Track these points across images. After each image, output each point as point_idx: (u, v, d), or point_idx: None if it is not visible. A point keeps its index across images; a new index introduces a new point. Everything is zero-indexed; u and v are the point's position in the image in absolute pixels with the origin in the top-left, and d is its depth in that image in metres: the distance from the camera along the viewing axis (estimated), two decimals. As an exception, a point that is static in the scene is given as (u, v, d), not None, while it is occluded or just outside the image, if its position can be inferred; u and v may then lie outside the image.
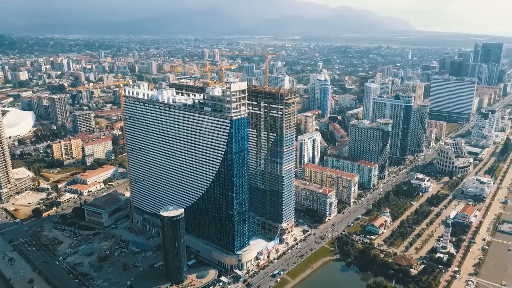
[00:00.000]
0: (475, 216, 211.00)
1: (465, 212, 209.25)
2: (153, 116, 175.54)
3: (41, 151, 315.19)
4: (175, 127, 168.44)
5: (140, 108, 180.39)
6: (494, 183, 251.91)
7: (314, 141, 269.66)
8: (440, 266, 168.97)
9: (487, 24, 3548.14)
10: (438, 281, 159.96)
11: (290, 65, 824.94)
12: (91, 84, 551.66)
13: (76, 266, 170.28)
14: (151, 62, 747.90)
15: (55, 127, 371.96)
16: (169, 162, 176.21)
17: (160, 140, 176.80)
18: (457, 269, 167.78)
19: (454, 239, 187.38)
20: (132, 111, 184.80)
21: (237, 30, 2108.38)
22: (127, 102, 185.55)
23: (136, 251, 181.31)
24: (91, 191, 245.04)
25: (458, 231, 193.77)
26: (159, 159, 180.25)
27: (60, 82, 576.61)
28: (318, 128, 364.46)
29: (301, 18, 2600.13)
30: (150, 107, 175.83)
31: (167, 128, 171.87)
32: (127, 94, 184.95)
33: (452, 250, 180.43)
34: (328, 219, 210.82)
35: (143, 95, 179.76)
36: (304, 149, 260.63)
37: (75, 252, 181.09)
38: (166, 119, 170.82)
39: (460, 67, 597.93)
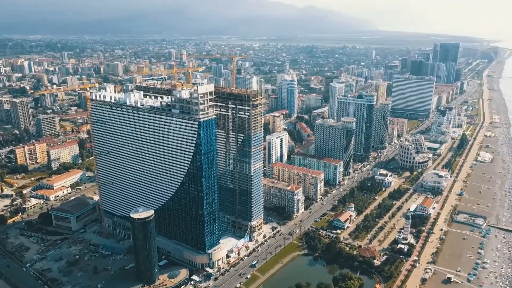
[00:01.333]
0: (434, 208, 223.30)
1: (424, 205, 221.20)
2: (121, 119, 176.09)
3: (3, 157, 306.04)
4: (143, 129, 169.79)
5: (107, 111, 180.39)
6: (451, 177, 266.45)
7: (281, 140, 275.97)
8: (401, 256, 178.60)
9: (446, 24, 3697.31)
10: (400, 270, 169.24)
11: (258, 65, 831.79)
12: (55, 87, 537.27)
13: (44, 272, 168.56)
14: (117, 63, 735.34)
15: (17, 132, 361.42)
16: (138, 165, 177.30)
17: (128, 143, 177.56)
18: (416, 258, 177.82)
19: (414, 231, 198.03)
20: (99, 115, 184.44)
21: (204, 30, 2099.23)
22: (94, 106, 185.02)
23: (107, 254, 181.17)
24: (58, 196, 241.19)
25: (418, 222, 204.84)
26: (128, 162, 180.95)
27: (22, 85, 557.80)
28: (286, 127, 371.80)
29: (268, 18, 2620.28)
30: (118, 110, 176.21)
31: (135, 130, 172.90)
32: (93, 98, 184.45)
33: (412, 241, 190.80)
34: (296, 215, 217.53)
35: (111, 98, 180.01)
36: (272, 149, 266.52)
37: (43, 258, 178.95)
38: (134, 122, 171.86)
39: (420, 66, 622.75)
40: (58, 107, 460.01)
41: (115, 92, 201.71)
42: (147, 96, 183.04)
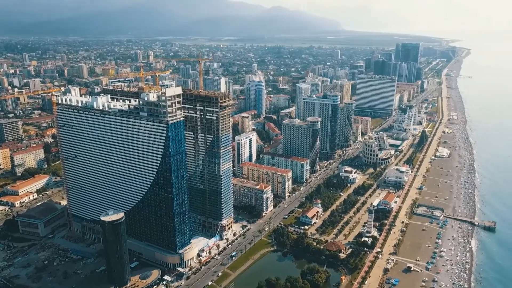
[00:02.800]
0: (396, 202, 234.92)
1: (387, 199, 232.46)
2: (89, 122, 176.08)
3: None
4: (111, 133, 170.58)
5: (74, 115, 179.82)
6: (411, 172, 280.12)
7: (250, 140, 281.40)
8: (365, 248, 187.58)
9: (408, 24, 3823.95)
10: (364, 262, 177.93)
11: (226, 66, 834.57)
12: (16, 90, 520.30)
13: (12, 279, 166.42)
14: (82, 65, 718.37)
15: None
16: (107, 168, 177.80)
17: (96, 147, 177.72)
18: (379, 250, 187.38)
19: (377, 224, 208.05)
20: (65, 119, 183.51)
21: (171, 31, 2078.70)
22: (60, 110, 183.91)
23: (77, 258, 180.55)
24: (23, 202, 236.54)
25: (380, 216, 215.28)
26: (97, 165, 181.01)
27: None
28: (255, 127, 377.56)
29: (235, 18, 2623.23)
30: (85, 114, 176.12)
31: (103, 134, 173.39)
32: (59, 102, 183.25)
33: (376, 234, 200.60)
34: (265, 213, 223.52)
35: (77, 102, 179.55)
36: (241, 149, 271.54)
37: (10, 265, 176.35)
38: (102, 125, 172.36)
39: (383, 66, 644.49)
40: (20, 111, 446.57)
41: (80, 95, 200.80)
42: (115, 99, 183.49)
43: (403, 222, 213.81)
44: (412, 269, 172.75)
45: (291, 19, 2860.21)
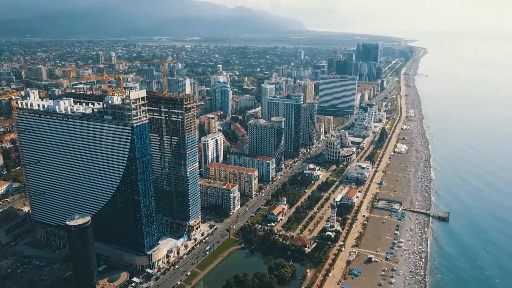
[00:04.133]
0: (357, 197, 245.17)
1: (349, 195, 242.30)
2: (51, 127, 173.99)
3: None
4: (75, 137, 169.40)
5: (35, 119, 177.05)
6: (372, 168, 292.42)
7: (217, 141, 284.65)
8: (329, 242, 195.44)
9: (368, 23, 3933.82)
10: (328, 255, 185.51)
11: (191, 66, 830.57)
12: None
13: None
14: (40, 67, 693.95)
15: None
16: (72, 172, 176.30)
17: (60, 151, 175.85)
18: (342, 243, 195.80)
19: (340, 219, 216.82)
20: (26, 123, 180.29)
21: (134, 31, 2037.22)
22: (21, 114, 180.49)
23: (41, 265, 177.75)
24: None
25: (343, 211, 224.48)
26: (61, 170, 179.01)
27: None
28: (221, 128, 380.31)
29: (199, 19, 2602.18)
30: (47, 118, 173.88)
31: (66, 138, 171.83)
32: (20, 106, 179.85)
33: (339, 228, 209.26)
34: (233, 212, 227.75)
35: (38, 106, 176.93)
36: (207, 150, 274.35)
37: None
38: (65, 129, 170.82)
39: (345, 65, 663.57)
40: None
41: (39, 98, 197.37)
42: (78, 103, 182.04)
43: (364, 216, 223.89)
44: (372, 260, 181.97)
45: (255, 19, 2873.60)
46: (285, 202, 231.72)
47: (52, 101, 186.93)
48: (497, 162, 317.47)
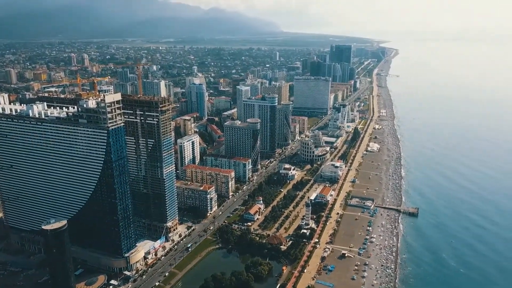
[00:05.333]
0: (331, 195, 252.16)
1: (323, 193, 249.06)
2: (24, 131, 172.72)
3: None
4: (49, 141, 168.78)
5: (7, 124, 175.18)
6: (345, 166, 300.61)
7: (193, 143, 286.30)
8: (304, 240, 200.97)
9: (342, 25, 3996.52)
10: (303, 252, 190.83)
11: (166, 68, 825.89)
12: None
13: None
14: (9, 70, 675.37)
15: None
16: (46, 176, 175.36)
17: (33, 155, 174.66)
18: (317, 240, 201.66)
19: (315, 216, 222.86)
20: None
21: (106, 32, 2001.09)
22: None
23: (17, 271, 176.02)
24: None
25: (317, 209, 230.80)
26: (35, 175, 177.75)
27: None
28: (197, 130, 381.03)
29: (174, 20, 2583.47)
30: (20, 122, 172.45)
31: (40, 142, 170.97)
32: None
33: (314, 226, 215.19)
34: (210, 213, 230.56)
35: (11, 110, 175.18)
36: (184, 152, 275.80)
37: None
38: (39, 133, 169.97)
39: (319, 67, 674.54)
40: None
41: (9, 102, 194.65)
42: (51, 107, 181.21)
43: (338, 213, 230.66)
44: (346, 255, 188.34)
45: (230, 20, 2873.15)
46: (261, 201, 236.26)
47: (24, 105, 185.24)
48: (462, 160, 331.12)
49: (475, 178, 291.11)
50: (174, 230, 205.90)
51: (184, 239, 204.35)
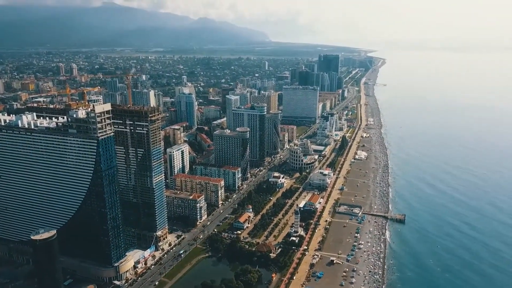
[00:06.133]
0: (320, 203, 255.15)
1: (312, 201, 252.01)
2: (13, 142, 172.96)
3: None
4: (39, 151, 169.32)
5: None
6: (334, 174, 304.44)
7: (182, 152, 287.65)
8: (293, 247, 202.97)
9: (329, 34, 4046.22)
10: (292, 259, 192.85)
11: (155, 78, 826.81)
12: None
13: None
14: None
15: None
16: (35, 187, 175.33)
17: (23, 166, 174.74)
18: (306, 247, 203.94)
19: (303, 224, 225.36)
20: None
21: (95, 42, 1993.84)
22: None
23: (4, 282, 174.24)
24: None
25: (306, 217, 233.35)
26: (24, 185, 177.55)
27: None
28: (187, 139, 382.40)
29: (163, 30, 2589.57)
30: (9, 132, 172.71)
31: (30, 153, 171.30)
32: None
33: (302, 233, 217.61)
34: (200, 222, 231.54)
35: (0, 121, 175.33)
36: (173, 161, 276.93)
37: None
38: (28, 144, 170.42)
39: (307, 76, 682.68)
40: None
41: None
42: (41, 117, 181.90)
43: (326, 221, 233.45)
44: (334, 262, 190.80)
45: (219, 30, 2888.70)
46: (251, 210, 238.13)
47: (13, 115, 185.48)
48: (447, 168, 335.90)
49: (459, 185, 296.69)
50: (164, 239, 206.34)
51: (174, 248, 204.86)
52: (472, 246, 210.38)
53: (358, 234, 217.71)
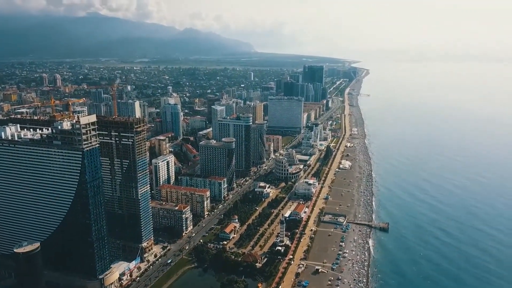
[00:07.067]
0: (305, 212, 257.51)
1: (297, 210, 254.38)
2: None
3: None
4: (22, 163, 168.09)
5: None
6: (318, 184, 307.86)
7: (168, 163, 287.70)
8: (279, 256, 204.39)
9: (313, 45, 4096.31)
10: (278, 269, 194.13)
11: (140, 88, 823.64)
12: None
13: None
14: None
15: None
16: (19, 199, 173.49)
17: (6, 178, 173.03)
18: (291, 256, 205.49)
19: (289, 233, 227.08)
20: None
21: (80, 52, 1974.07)
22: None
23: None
24: None
25: (292, 226, 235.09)
26: (7, 197, 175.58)
27: None
28: (172, 150, 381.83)
29: (148, 40, 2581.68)
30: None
31: (13, 164, 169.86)
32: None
33: (288, 242, 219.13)
34: (185, 233, 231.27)
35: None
36: (159, 171, 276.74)
37: None
38: (12, 156, 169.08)
39: (292, 87, 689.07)
40: None
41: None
42: (24, 129, 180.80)
43: (311, 230, 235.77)
44: (320, 271, 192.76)
45: (204, 41, 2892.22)
46: (237, 220, 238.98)
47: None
48: (429, 177, 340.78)
49: (440, 194, 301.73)
50: (149, 250, 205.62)
51: (160, 259, 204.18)
52: (451, 254, 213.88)
53: (343, 243, 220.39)
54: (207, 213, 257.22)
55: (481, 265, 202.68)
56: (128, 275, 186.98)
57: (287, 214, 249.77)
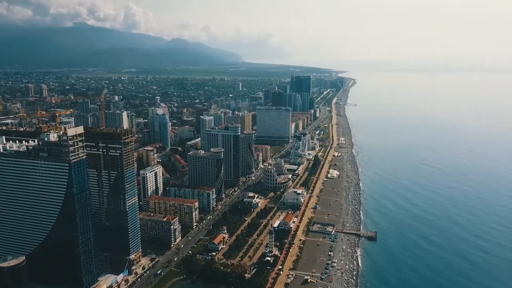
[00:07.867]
0: (294, 222, 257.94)
1: (286, 220, 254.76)
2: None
3: None
4: (7, 175, 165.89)
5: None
6: (307, 193, 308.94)
7: (156, 174, 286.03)
8: (268, 267, 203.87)
9: (300, 55, 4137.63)
10: (267, 279, 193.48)
11: (128, 98, 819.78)
12: None
13: None
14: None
15: None
16: (4, 212, 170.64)
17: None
18: (280, 267, 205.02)
19: (278, 244, 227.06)
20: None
21: (66, 62, 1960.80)
22: None
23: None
24: None
25: (281, 236, 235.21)
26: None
27: None
28: (160, 160, 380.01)
29: (135, 50, 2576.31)
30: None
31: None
32: None
33: (277, 253, 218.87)
34: (174, 244, 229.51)
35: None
36: (146, 183, 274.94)
37: None
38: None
39: (280, 97, 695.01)
40: None
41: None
42: (10, 140, 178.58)
43: (300, 240, 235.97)
44: (308, 280, 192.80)
45: (192, 51, 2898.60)
46: (225, 231, 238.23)
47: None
48: (414, 187, 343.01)
49: (424, 203, 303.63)
50: (137, 262, 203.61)
51: (148, 272, 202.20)
52: (435, 263, 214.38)
53: (332, 252, 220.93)
54: (195, 224, 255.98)
55: (464, 273, 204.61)
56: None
57: (276, 224, 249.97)
